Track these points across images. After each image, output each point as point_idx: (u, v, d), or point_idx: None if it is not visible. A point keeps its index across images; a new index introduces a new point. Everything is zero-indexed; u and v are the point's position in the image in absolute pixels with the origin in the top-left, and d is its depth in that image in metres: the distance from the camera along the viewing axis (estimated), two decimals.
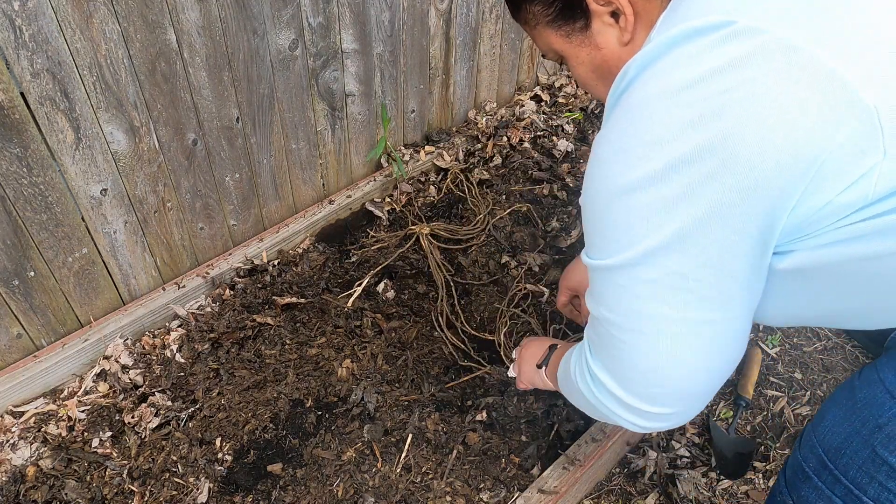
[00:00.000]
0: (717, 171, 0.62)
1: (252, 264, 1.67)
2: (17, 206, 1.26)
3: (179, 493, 1.25)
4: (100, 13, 1.19)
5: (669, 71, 0.65)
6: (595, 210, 0.73)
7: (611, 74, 0.80)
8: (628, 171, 0.67)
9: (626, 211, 0.68)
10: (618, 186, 0.68)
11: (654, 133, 0.64)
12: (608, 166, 0.70)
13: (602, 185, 0.70)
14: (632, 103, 0.68)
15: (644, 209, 0.66)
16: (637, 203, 0.67)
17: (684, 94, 0.63)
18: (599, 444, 1.30)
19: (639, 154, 0.66)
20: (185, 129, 1.43)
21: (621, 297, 0.73)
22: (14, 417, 1.37)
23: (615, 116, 0.70)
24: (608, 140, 0.70)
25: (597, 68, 0.83)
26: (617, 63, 0.80)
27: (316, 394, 1.40)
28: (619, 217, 0.69)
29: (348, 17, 1.61)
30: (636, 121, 0.66)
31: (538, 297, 1.64)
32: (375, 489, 1.25)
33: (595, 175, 0.72)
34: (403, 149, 2.00)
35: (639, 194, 0.66)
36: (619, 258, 0.70)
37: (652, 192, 0.65)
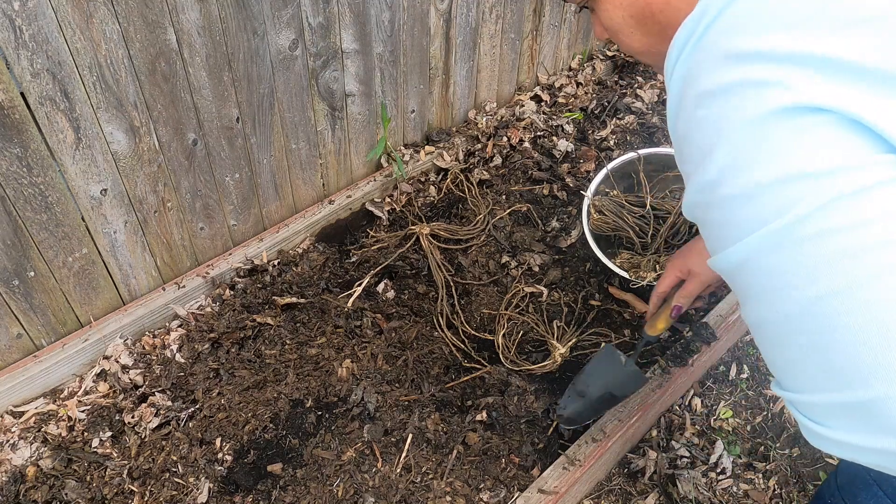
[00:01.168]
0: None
1: (252, 264, 1.67)
2: (17, 206, 1.26)
3: (179, 493, 1.25)
4: (100, 13, 1.19)
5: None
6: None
7: (653, 20, 0.70)
8: (761, 103, 0.53)
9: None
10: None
11: (777, 72, 0.53)
12: (721, 118, 0.56)
13: (723, 137, 0.55)
14: (730, 39, 0.55)
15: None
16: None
17: (810, 21, 0.53)
18: (599, 444, 1.30)
19: (768, 90, 0.53)
20: (185, 129, 1.43)
21: None
22: (14, 417, 1.37)
23: (704, 64, 0.57)
24: (709, 94, 0.56)
25: (638, 12, 0.70)
26: (663, 8, 0.68)
27: (316, 394, 1.40)
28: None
29: (348, 17, 1.61)
30: (745, 61, 0.54)
31: (538, 297, 1.64)
32: (375, 489, 1.25)
33: (705, 138, 0.57)
34: (403, 149, 2.00)
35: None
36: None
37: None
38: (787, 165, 0.52)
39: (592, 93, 2.34)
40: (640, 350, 1.31)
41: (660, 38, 0.72)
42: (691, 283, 1.20)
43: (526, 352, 1.54)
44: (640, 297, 1.62)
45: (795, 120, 0.51)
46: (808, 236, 0.51)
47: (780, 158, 0.52)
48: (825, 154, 0.50)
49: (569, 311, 1.61)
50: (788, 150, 0.51)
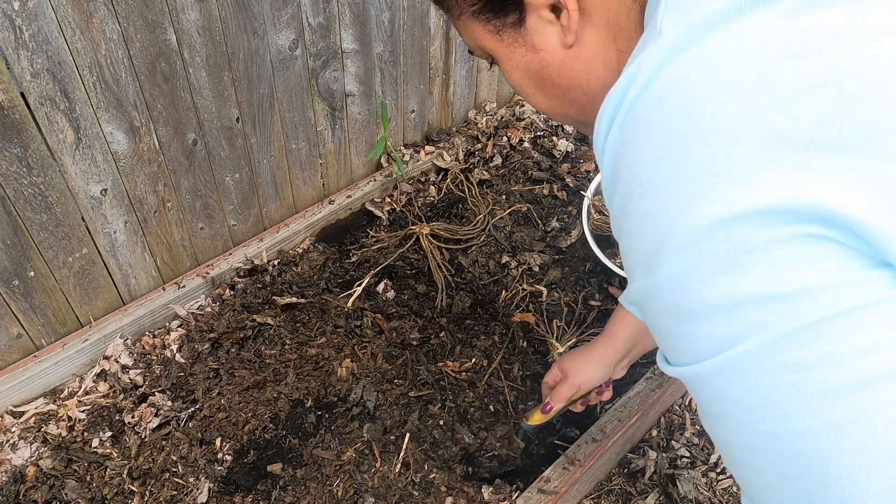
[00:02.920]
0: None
1: (252, 264, 1.67)
2: (17, 206, 1.26)
3: (179, 493, 1.25)
4: (100, 13, 1.19)
5: (720, 61, 0.45)
6: (676, 279, 0.48)
7: (552, 83, 0.66)
8: (709, 203, 0.44)
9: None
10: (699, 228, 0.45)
11: (727, 158, 0.44)
12: (665, 216, 0.47)
13: (671, 242, 0.47)
14: (664, 118, 0.46)
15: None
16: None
17: (757, 90, 0.43)
18: (599, 444, 1.30)
19: (711, 190, 0.44)
20: (185, 129, 1.44)
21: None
22: (14, 417, 1.37)
23: (635, 146, 0.49)
24: (648, 184, 0.48)
25: (534, 74, 0.66)
26: (559, 71, 0.64)
27: (316, 394, 1.40)
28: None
29: (348, 17, 1.61)
30: (685, 141, 0.45)
31: (537, 297, 1.64)
32: (375, 489, 1.25)
33: (647, 238, 0.49)
34: (403, 149, 2.00)
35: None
36: (746, 345, 0.45)
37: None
38: (744, 285, 0.44)
39: None
40: (518, 439, 1.37)
41: (563, 101, 0.68)
42: (563, 386, 1.22)
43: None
44: None
45: (749, 231, 0.43)
46: (774, 367, 0.44)
47: (735, 276, 0.44)
48: (792, 272, 0.43)
49: (569, 311, 1.61)
50: (745, 267, 0.44)
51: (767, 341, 0.44)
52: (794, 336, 0.43)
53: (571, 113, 0.70)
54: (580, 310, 1.62)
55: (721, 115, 0.44)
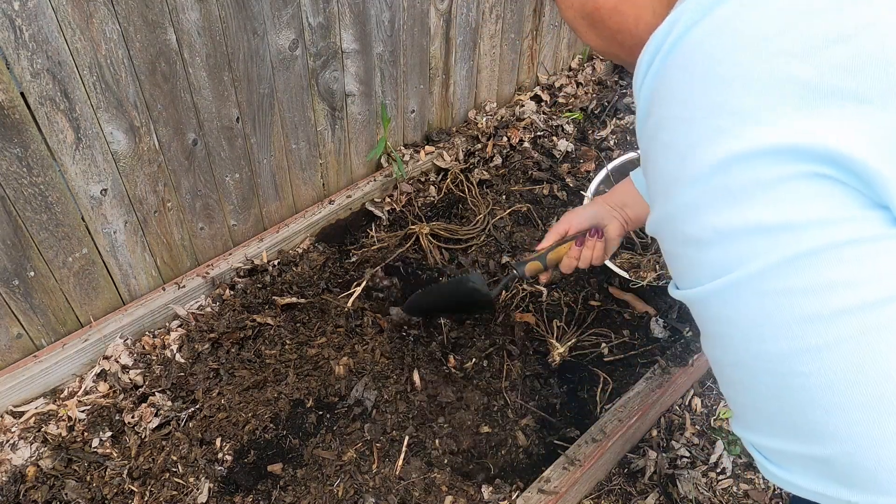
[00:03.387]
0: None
1: (252, 264, 1.67)
2: (17, 206, 1.26)
3: (179, 493, 1.25)
4: (100, 13, 1.19)
5: (755, 10, 0.49)
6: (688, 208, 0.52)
7: (603, 25, 0.69)
8: (726, 141, 0.48)
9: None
10: (712, 163, 0.49)
11: (751, 100, 0.47)
12: (686, 149, 0.51)
13: (687, 173, 0.51)
14: (699, 62, 0.50)
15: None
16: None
17: (783, 41, 0.47)
18: (599, 444, 1.30)
19: (732, 128, 0.48)
20: (185, 129, 1.43)
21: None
22: (14, 417, 1.37)
23: (669, 85, 0.53)
24: (675, 118, 0.52)
25: (588, 14, 0.69)
26: (611, 14, 0.67)
27: (316, 394, 1.40)
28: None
29: (348, 17, 1.61)
30: (715, 84, 0.49)
31: (537, 297, 1.64)
32: (375, 489, 1.25)
33: (669, 167, 0.53)
34: (403, 149, 2.00)
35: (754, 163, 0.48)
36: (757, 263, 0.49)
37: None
38: (749, 215, 0.48)
39: (592, 93, 2.34)
40: (504, 283, 1.37)
41: (612, 42, 0.71)
42: (554, 227, 1.29)
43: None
44: (640, 297, 1.62)
45: (760, 167, 0.47)
46: (766, 292, 0.49)
47: (742, 207, 0.48)
48: (793, 206, 0.47)
49: (569, 311, 1.61)
50: (752, 199, 0.48)
51: (763, 267, 0.48)
52: (787, 264, 0.47)
53: (619, 53, 0.73)
54: (580, 310, 1.62)
55: (749, 62, 0.48)
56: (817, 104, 0.46)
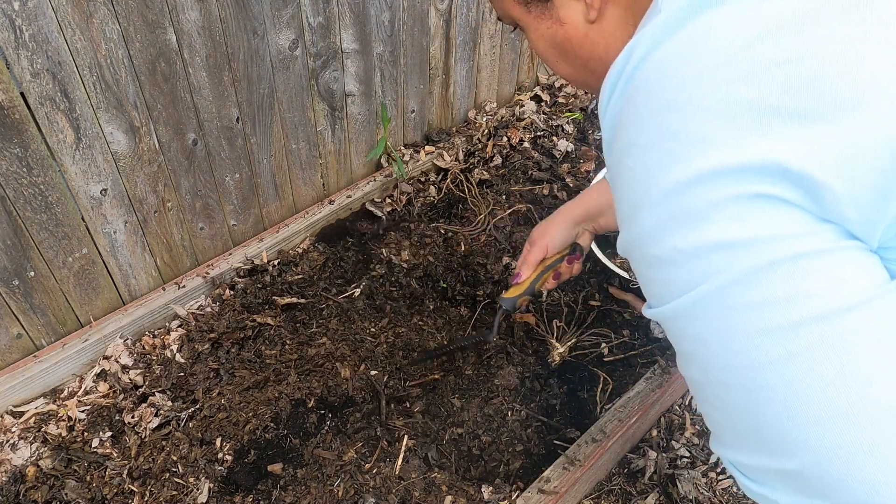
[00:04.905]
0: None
1: (252, 264, 1.67)
2: (17, 206, 1.26)
3: (179, 493, 1.25)
4: (100, 13, 1.19)
5: (704, 39, 0.50)
6: (655, 235, 0.54)
7: (574, 54, 0.71)
8: (681, 165, 0.50)
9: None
10: (673, 185, 0.51)
11: (702, 125, 0.49)
12: (646, 175, 0.53)
13: (648, 198, 0.53)
14: (655, 89, 0.52)
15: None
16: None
17: (730, 67, 0.49)
18: (599, 444, 1.30)
19: (686, 152, 0.50)
20: (185, 129, 1.43)
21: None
22: (14, 417, 1.37)
23: (629, 113, 0.55)
24: (635, 145, 0.54)
25: (558, 45, 0.72)
26: (582, 43, 0.69)
27: (317, 394, 1.40)
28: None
29: (348, 17, 1.61)
30: (670, 110, 0.51)
31: (537, 296, 1.64)
32: (376, 489, 1.25)
33: (632, 193, 0.55)
34: (403, 149, 2.00)
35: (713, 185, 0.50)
36: (705, 286, 0.51)
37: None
38: (707, 235, 0.50)
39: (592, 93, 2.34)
40: (498, 322, 1.34)
41: (584, 70, 0.73)
42: (529, 252, 1.25)
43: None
44: (640, 298, 1.62)
45: (713, 188, 0.49)
46: (728, 307, 0.50)
47: (700, 227, 0.50)
48: (748, 224, 0.48)
49: (569, 311, 1.61)
50: (708, 219, 0.49)
51: (723, 283, 0.50)
52: (746, 278, 0.49)
53: (590, 81, 0.75)
54: (580, 310, 1.62)
55: (700, 88, 0.50)
56: (764, 124, 0.47)
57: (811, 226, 0.48)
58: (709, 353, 0.54)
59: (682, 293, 0.53)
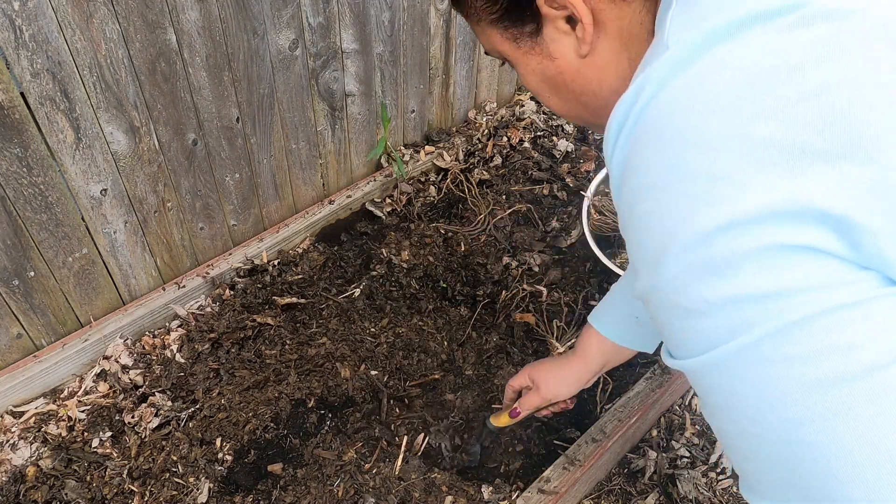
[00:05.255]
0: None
1: (252, 264, 1.67)
2: (17, 206, 1.26)
3: (179, 493, 1.25)
4: (100, 13, 1.19)
5: (721, 74, 0.48)
6: (672, 282, 0.51)
7: (566, 89, 0.69)
8: (707, 210, 0.47)
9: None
10: (693, 238, 0.48)
11: (725, 166, 0.46)
12: (667, 220, 0.50)
13: (672, 245, 0.50)
14: (668, 130, 0.49)
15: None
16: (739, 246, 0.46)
17: (751, 103, 0.46)
18: (599, 444, 1.30)
19: (710, 196, 0.47)
20: (185, 129, 1.43)
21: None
22: (14, 417, 1.37)
23: (641, 153, 0.52)
24: (651, 188, 0.51)
25: (549, 80, 0.69)
26: (574, 78, 0.67)
27: (317, 394, 1.40)
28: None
29: (348, 17, 1.61)
30: (687, 151, 0.48)
31: (537, 297, 1.64)
32: (376, 489, 1.25)
33: (652, 239, 0.52)
34: (403, 149, 2.00)
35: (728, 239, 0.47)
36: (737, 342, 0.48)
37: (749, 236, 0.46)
38: (739, 285, 0.47)
39: None
40: (482, 439, 1.35)
41: (576, 105, 0.71)
42: (533, 397, 1.22)
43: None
44: None
45: (744, 236, 0.46)
46: (765, 361, 0.47)
47: (731, 278, 0.47)
48: (783, 275, 0.45)
49: (569, 311, 1.61)
50: (740, 269, 0.46)
51: (759, 337, 0.47)
52: (782, 332, 0.46)
53: (584, 115, 0.73)
54: (580, 310, 1.62)
55: (719, 127, 0.47)
56: (793, 165, 0.44)
57: (850, 274, 0.45)
58: (744, 406, 0.50)
59: (714, 346, 0.50)
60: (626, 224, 0.56)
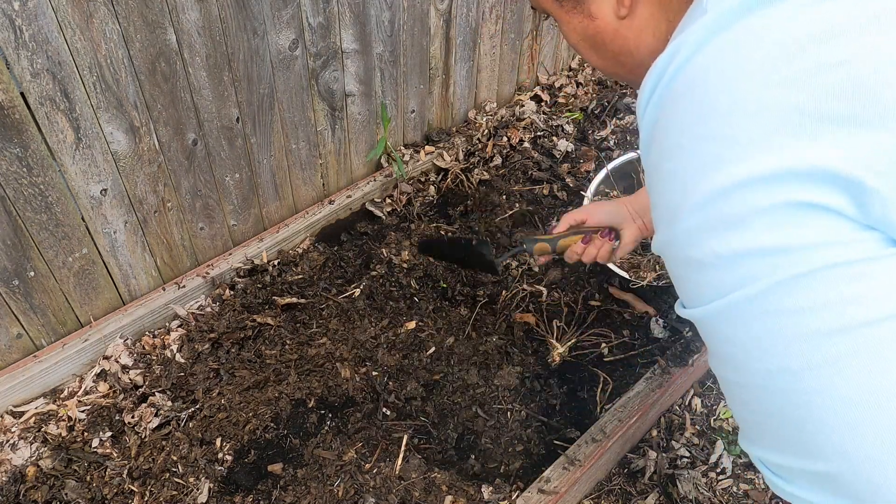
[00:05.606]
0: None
1: (252, 264, 1.66)
2: (17, 206, 1.26)
3: (179, 493, 1.25)
4: (100, 13, 1.19)
5: (752, 41, 0.50)
6: (693, 237, 0.53)
7: (605, 48, 0.72)
8: (726, 168, 0.49)
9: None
10: (713, 191, 0.50)
11: (749, 128, 0.48)
12: (688, 176, 0.52)
13: (689, 200, 0.52)
14: (699, 92, 0.52)
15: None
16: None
17: (778, 70, 0.48)
18: (599, 444, 1.30)
19: (731, 156, 0.49)
20: (185, 129, 1.43)
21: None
22: (14, 417, 1.37)
23: (671, 114, 0.54)
24: (676, 147, 0.53)
25: (589, 38, 0.72)
26: (613, 38, 0.70)
27: (318, 394, 1.40)
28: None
29: (348, 17, 1.61)
30: (715, 114, 0.50)
31: (537, 297, 1.64)
32: (376, 489, 1.25)
33: (673, 195, 0.54)
34: (403, 149, 2.00)
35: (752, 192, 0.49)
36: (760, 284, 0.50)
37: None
38: (749, 240, 0.49)
39: (592, 93, 2.34)
40: (511, 253, 1.34)
41: (615, 63, 0.74)
42: (571, 213, 1.27)
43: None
44: (640, 297, 1.62)
45: (758, 193, 0.48)
46: (769, 311, 0.50)
47: (742, 232, 0.49)
48: (791, 231, 0.48)
49: (569, 311, 1.61)
50: (751, 224, 0.49)
51: (764, 287, 0.49)
52: (786, 284, 0.48)
53: (621, 73, 0.76)
54: (580, 310, 1.62)
55: (747, 91, 0.49)
56: (813, 129, 0.46)
57: (855, 233, 0.47)
58: (745, 355, 0.53)
59: (721, 296, 0.52)
60: (651, 182, 0.59)
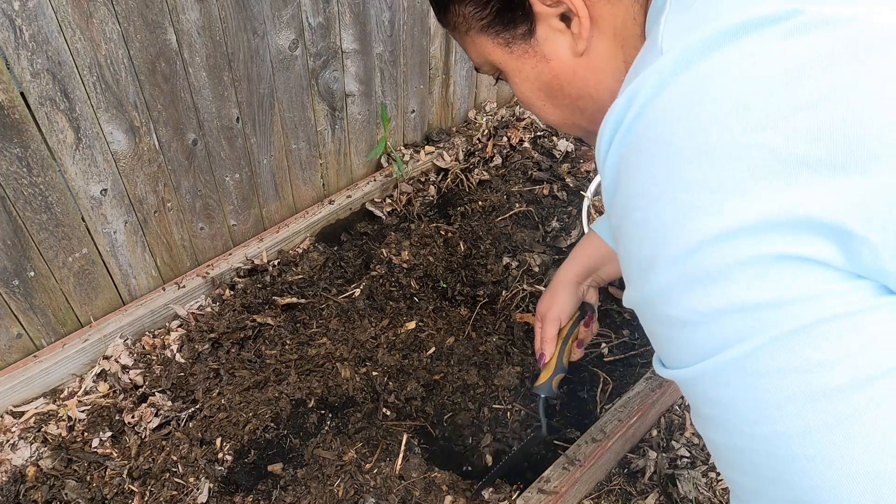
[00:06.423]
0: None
1: (252, 264, 1.67)
2: (17, 206, 1.26)
3: (179, 493, 1.25)
4: (100, 13, 1.19)
5: (717, 81, 0.46)
6: (668, 290, 0.50)
7: (562, 93, 0.67)
8: (702, 219, 0.46)
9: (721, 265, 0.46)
10: (688, 247, 0.47)
11: (721, 175, 0.45)
12: (660, 229, 0.49)
13: (664, 255, 0.49)
14: (665, 137, 0.48)
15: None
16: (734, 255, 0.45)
17: (749, 111, 0.45)
18: (599, 444, 1.30)
19: (706, 205, 0.46)
20: (185, 129, 1.44)
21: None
22: (14, 417, 1.37)
23: (636, 161, 0.50)
24: (644, 196, 0.49)
25: (545, 85, 0.67)
26: (570, 80, 0.66)
27: (318, 394, 1.40)
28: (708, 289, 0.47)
29: (348, 17, 1.61)
30: (684, 160, 0.47)
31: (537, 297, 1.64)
32: (376, 489, 1.25)
33: (644, 249, 0.51)
34: (403, 149, 2.00)
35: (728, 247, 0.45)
36: (734, 349, 0.47)
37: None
38: (732, 296, 0.45)
39: None
40: (543, 413, 1.27)
41: (573, 111, 0.70)
42: (541, 329, 1.21)
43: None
44: None
45: (737, 246, 0.45)
46: (757, 372, 0.46)
47: (724, 288, 0.46)
48: (777, 285, 0.44)
49: None
50: (733, 279, 0.45)
51: (751, 348, 0.46)
52: (776, 343, 0.45)
53: (581, 123, 0.71)
54: None
55: (715, 136, 0.45)
56: (789, 174, 0.43)
57: (844, 284, 0.44)
58: (736, 418, 0.49)
59: (706, 356, 0.49)
60: (618, 233, 0.55)
